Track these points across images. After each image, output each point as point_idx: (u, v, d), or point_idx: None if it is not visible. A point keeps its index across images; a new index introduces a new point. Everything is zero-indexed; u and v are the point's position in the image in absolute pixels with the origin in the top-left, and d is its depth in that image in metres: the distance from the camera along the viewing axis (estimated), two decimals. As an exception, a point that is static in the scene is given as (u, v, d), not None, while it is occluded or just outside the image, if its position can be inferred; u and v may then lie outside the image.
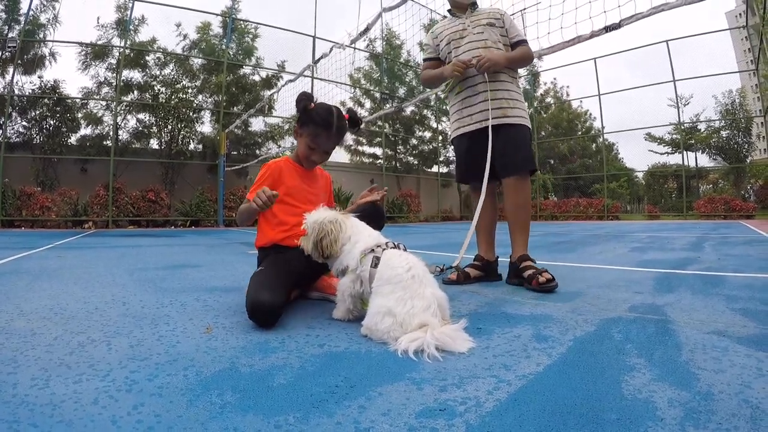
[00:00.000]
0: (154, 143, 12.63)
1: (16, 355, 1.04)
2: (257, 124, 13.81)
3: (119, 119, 11.80)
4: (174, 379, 0.89)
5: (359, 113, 15.06)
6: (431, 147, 18.31)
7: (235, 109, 13.14)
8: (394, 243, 1.38)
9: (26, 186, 10.10)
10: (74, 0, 11.80)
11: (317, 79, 13.51)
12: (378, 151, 17.13)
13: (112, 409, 0.75)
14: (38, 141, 11.03)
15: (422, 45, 2.28)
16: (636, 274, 2.41)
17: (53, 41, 11.25)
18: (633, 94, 16.03)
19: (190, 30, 12.71)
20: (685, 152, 17.15)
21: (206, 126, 13.28)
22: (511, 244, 2.18)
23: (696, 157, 17.80)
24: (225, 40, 13.21)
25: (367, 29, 5.88)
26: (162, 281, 2.24)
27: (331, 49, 7.53)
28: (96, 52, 11.49)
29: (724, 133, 17.30)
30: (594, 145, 22.43)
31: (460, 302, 1.67)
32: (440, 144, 18.52)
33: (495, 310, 1.54)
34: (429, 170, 18.55)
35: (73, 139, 11.58)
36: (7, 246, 4.70)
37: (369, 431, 0.68)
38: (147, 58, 12.10)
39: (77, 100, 11.49)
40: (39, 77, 11.13)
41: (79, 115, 11.52)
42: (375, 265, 1.28)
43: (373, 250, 1.32)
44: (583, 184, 20.51)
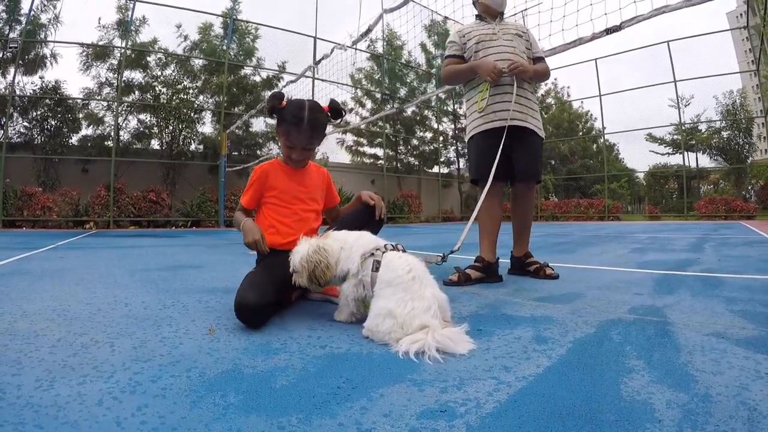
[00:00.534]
0: (155, 144, 12.66)
1: (20, 357, 1.05)
2: (258, 125, 13.82)
3: (120, 120, 11.82)
4: (177, 381, 0.89)
5: (359, 113, 15.01)
6: (432, 147, 18.32)
7: (236, 110, 13.15)
8: (393, 245, 1.39)
9: (27, 186, 10.11)
10: (75, 0, 11.81)
11: (318, 80, 13.53)
12: (379, 152, 17.15)
13: (117, 411, 0.75)
14: (39, 141, 11.05)
15: (445, 43, 2.36)
16: (636, 276, 2.41)
17: (54, 42, 11.27)
18: (634, 95, 15.99)
19: (191, 31, 12.74)
20: (686, 153, 17.14)
21: (207, 126, 13.31)
22: (516, 242, 2.41)
23: (697, 158, 17.81)
24: (226, 41, 13.23)
25: (369, 30, 5.89)
26: (164, 282, 2.25)
27: (332, 50, 7.54)
28: (97, 53, 11.51)
29: (725, 134, 17.30)
30: (595, 146, 22.43)
31: (461, 303, 1.68)
32: (441, 144, 18.53)
33: (495, 312, 1.55)
34: (430, 171, 18.56)
35: (75, 140, 11.60)
36: (9, 246, 4.71)
37: (370, 432, 0.68)
38: (148, 59, 12.11)
39: (78, 101, 11.51)
40: (40, 78, 11.17)
41: (81, 116, 11.54)
42: (376, 269, 1.29)
43: (373, 254, 1.33)
44: (584, 185, 20.51)
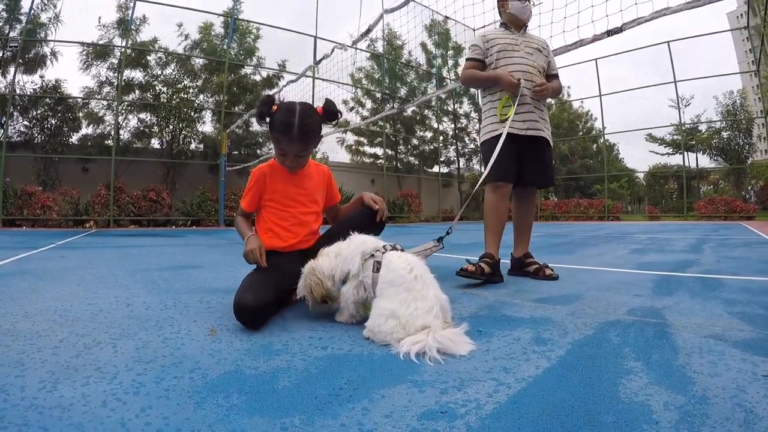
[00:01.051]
0: (156, 143, 12.69)
1: (23, 358, 1.05)
2: (258, 124, 13.83)
3: (120, 119, 11.84)
4: (180, 382, 0.90)
5: (359, 113, 14.98)
6: (432, 147, 18.33)
7: (236, 109, 13.16)
8: (392, 245, 1.40)
9: (27, 185, 10.13)
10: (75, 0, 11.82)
11: (318, 79, 13.54)
12: (379, 151, 17.16)
13: (121, 412, 0.76)
14: (39, 140, 11.07)
15: (469, 46, 2.47)
16: (635, 277, 2.42)
17: (54, 41, 11.29)
18: (634, 95, 16.06)
19: (192, 30, 12.76)
20: (686, 153, 17.17)
21: (207, 126, 13.34)
22: (518, 242, 2.47)
23: (697, 158, 17.85)
24: (226, 40, 13.23)
25: (369, 30, 5.90)
26: (165, 282, 2.26)
27: (333, 50, 7.55)
28: (97, 52, 11.53)
29: (725, 134, 17.32)
30: (595, 146, 22.47)
31: (461, 304, 1.69)
32: (441, 144, 18.54)
33: (495, 313, 1.55)
34: (430, 170, 18.58)
35: (75, 139, 11.64)
36: (9, 246, 4.72)
37: (372, 434, 0.69)
38: (148, 58, 12.13)
39: (78, 100, 11.53)
40: (40, 77, 11.20)
41: (81, 115, 11.57)
42: (377, 270, 1.30)
43: (374, 255, 1.34)
44: (584, 185, 20.53)
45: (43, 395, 0.83)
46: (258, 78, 13.89)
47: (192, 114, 12.78)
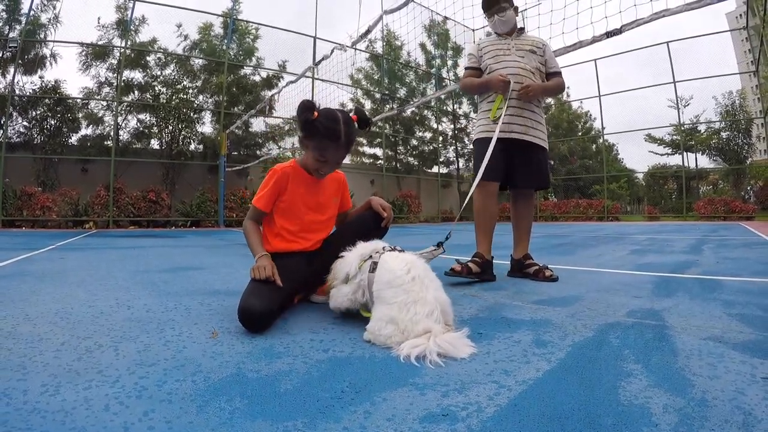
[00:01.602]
0: (155, 143, 12.68)
1: (25, 361, 1.05)
2: (258, 125, 13.84)
3: (120, 119, 11.83)
4: (183, 385, 0.91)
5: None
6: (431, 147, 18.34)
7: (236, 110, 13.16)
8: (392, 246, 1.40)
9: (27, 186, 10.11)
10: (75, 0, 11.79)
11: (318, 80, 13.54)
12: (378, 152, 17.17)
13: (124, 416, 0.77)
14: (39, 141, 11.06)
15: (467, 54, 2.58)
16: (634, 278, 2.43)
17: (54, 41, 11.27)
18: (633, 95, 16.06)
19: (191, 30, 12.75)
20: (685, 153, 17.19)
21: (207, 126, 13.33)
22: (517, 244, 2.48)
23: (696, 158, 17.85)
24: (226, 41, 13.23)
25: (368, 31, 5.90)
26: (165, 284, 2.26)
27: (332, 51, 7.55)
28: (97, 53, 11.51)
29: (724, 135, 17.34)
30: (594, 146, 22.47)
31: (461, 306, 1.70)
32: (440, 145, 18.54)
33: (495, 315, 1.56)
34: (429, 171, 18.58)
35: (74, 139, 11.62)
36: (9, 247, 4.72)
37: (374, 437, 0.70)
38: (148, 59, 12.12)
39: (78, 100, 11.52)
40: (40, 77, 11.18)
41: (80, 115, 11.55)
42: (373, 270, 1.30)
43: (371, 256, 1.34)
44: (583, 185, 20.54)
45: (46, 399, 0.83)
46: (257, 78, 13.90)
47: (191, 114, 12.78)
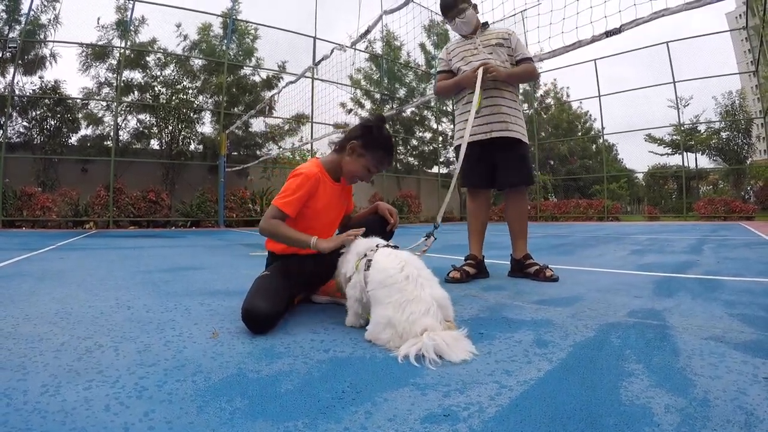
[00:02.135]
0: (155, 144, 12.67)
1: (25, 362, 1.05)
2: (258, 125, 13.85)
3: (120, 120, 11.82)
4: (183, 386, 0.90)
5: (359, 114, 15.00)
6: (431, 148, 18.34)
7: (236, 110, 13.16)
8: (385, 243, 1.39)
9: (27, 186, 10.11)
10: (75, 0, 11.76)
11: (318, 80, 13.53)
12: (378, 152, 17.11)
13: (124, 416, 0.76)
14: (39, 141, 11.05)
15: (436, 58, 2.67)
16: (635, 278, 2.42)
17: (54, 42, 11.26)
18: (633, 95, 16.02)
19: (191, 31, 12.75)
20: (685, 153, 17.18)
21: (207, 127, 13.31)
22: (515, 245, 2.49)
23: (696, 158, 17.83)
24: (225, 41, 13.23)
25: (368, 31, 5.90)
26: (165, 284, 2.26)
27: (332, 51, 7.55)
28: (96, 53, 11.50)
29: (724, 135, 17.33)
30: (594, 146, 22.47)
31: (462, 307, 1.69)
32: (440, 145, 18.54)
33: (496, 315, 1.56)
34: (429, 171, 18.57)
35: (74, 140, 11.60)
36: (9, 247, 4.71)
37: (375, 437, 0.70)
38: (147, 59, 12.11)
39: (78, 101, 11.51)
40: (40, 77, 11.16)
41: (80, 116, 11.53)
42: (368, 268, 1.29)
43: (366, 254, 1.34)
44: (583, 185, 20.53)
45: (46, 399, 0.83)
46: (257, 79, 13.90)
47: (191, 115, 12.77)
